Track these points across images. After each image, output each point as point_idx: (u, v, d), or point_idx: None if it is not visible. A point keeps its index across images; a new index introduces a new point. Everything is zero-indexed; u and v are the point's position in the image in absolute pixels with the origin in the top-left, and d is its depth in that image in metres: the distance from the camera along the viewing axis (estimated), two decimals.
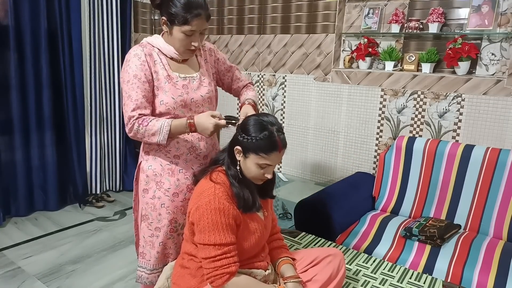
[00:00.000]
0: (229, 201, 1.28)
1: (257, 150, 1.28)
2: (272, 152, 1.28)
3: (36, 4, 2.82)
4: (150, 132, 1.41)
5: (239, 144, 1.31)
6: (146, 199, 1.56)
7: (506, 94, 2.24)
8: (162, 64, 1.49)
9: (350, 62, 2.88)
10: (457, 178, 2.23)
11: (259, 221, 1.40)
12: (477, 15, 2.30)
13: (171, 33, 1.45)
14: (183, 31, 1.41)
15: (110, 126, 3.47)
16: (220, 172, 1.36)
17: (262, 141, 1.27)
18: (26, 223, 2.90)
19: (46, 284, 2.15)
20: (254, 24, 3.33)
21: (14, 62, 2.79)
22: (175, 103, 1.47)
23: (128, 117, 1.42)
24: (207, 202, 1.25)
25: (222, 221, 1.23)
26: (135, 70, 1.43)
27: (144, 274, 1.60)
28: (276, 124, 1.31)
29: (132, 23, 3.61)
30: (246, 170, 1.33)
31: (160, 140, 1.41)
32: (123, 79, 1.45)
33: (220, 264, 1.23)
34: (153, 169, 1.54)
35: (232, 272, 1.23)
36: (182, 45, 1.45)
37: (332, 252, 1.50)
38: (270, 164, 1.30)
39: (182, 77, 1.51)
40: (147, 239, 1.58)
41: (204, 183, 1.33)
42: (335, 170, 3.00)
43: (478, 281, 1.75)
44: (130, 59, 1.45)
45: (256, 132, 1.28)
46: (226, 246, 1.23)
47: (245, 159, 1.31)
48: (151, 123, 1.41)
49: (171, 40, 1.48)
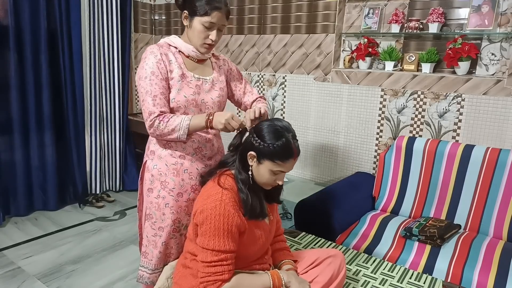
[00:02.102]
0: (235, 208, 1.27)
1: (273, 157, 1.27)
2: (288, 159, 1.29)
3: (36, 4, 2.82)
4: (170, 128, 1.42)
5: (254, 150, 1.30)
6: (150, 198, 1.57)
7: (506, 94, 2.24)
8: (178, 63, 1.51)
9: (350, 62, 2.88)
10: (457, 178, 2.23)
11: (265, 226, 1.40)
12: (477, 15, 2.30)
13: (191, 25, 1.48)
14: (202, 22, 1.45)
15: (110, 126, 3.47)
16: (228, 176, 1.36)
17: (278, 148, 1.27)
18: (26, 223, 2.90)
19: (46, 284, 2.15)
20: (254, 24, 3.32)
21: (14, 62, 2.79)
22: (186, 101, 1.50)
23: (149, 113, 1.43)
24: (212, 207, 1.24)
25: (224, 228, 1.23)
26: (152, 67, 1.45)
27: (146, 274, 1.60)
28: (291, 131, 1.32)
29: (132, 23, 3.62)
30: (258, 175, 1.32)
31: (180, 135, 1.43)
32: (140, 75, 1.47)
33: (214, 270, 1.23)
34: (158, 168, 1.55)
35: (225, 279, 1.24)
36: (200, 38, 1.48)
37: (333, 253, 1.50)
38: (283, 171, 1.31)
39: (196, 77, 1.54)
40: (150, 238, 1.59)
41: (212, 187, 1.32)
42: (335, 170, 3.00)
43: (478, 281, 1.75)
44: (146, 57, 1.48)
45: (272, 139, 1.28)
46: (224, 253, 1.24)
47: (258, 164, 1.31)
48: (172, 119, 1.43)
49: (190, 33, 1.51)
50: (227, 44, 3.53)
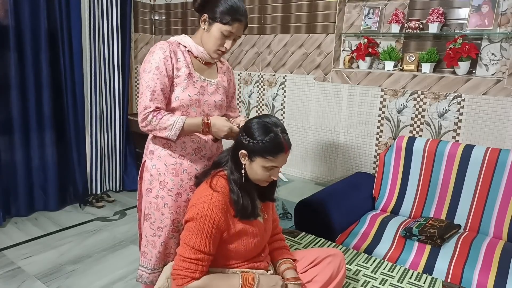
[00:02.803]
0: (224, 211, 1.28)
1: (263, 153, 1.28)
2: (279, 154, 1.28)
3: (36, 4, 2.82)
4: (163, 125, 1.42)
5: (244, 148, 1.31)
6: (149, 198, 1.56)
7: (506, 94, 2.24)
8: (186, 62, 1.52)
9: (350, 62, 2.88)
10: (457, 178, 2.23)
11: (259, 225, 1.40)
12: (477, 15, 2.30)
13: (209, 30, 1.48)
14: (222, 30, 1.46)
15: (110, 126, 3.47)
16: (221, 177, 1.36)
17: (268, 144, 1.27)
18: (26, 223, 2.90)
19: (46, 284, 2.15)
20: (254, 24, 3.32)
21: (14, 62, 2.79)
22: (190, 100, 1.50)
23: (144, 107, 1.43)
24: (201, 208, 1.26)
25: (208, 230, 1.24)
26: (158, 62, 1.45)
27: (145, 274, 1.60)
28: (280, 125, 1.31)
29: (132, 23, 3.62)
30: (252, 173, 1.33)
31: (171, 135, 1.43)
32: (144, 69, 1.47)
33: (188, 266, 1.24)
34: (157, 168, 1.55)
35: (195, 277, 1.25)
36: (216, 44, 1.49)
37: (332, 252, 1.49)
38: (276, 166, 1.31)
39: (202, 78, 1.55)
40: (149, 238, 1.59)
41: (203, 189, 1.34)
42: (335, 170, 3.00)
43: (478, 281, 1.75)
44: (154, 51, 1.48)
45: (261, 135, 1.28)
46: (201, 253, 1.25)
47: (251, 162, 1.31)
48: (166, 117, 1.43)
49: (205, 37, 1.51)
50: None
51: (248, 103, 3.47)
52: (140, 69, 1.53)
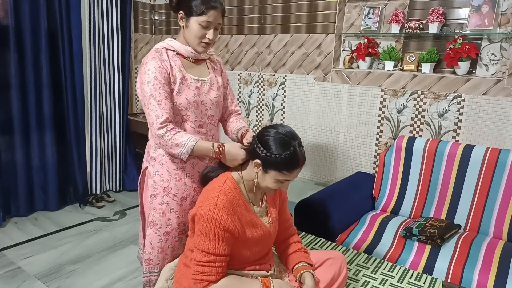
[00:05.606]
0: (230, 212, 1.27)
1: (279, 168, 1.27)
2: (295, 169, 1.29)
3: (36, 4, 2.82)
4: (175, 142, 1.42)
5: (260, 159, 1.29)
6: (154, 205, 1.56)
7: (506, 94, 2.24)
8: (177, 66, 1.52)
9: (350, 62, 2.88)
10: (457, 178, 2.23)
11: (263, 228, 1.39)
12: (477, 15, 2.30)
13: (188, 25, 1.49)
14: (199, 22, 1.46)
15: (110, 126, 3.47)
16: (228, 180, 1.35)
17: (286, 159, 1.26)
18: (26, 223, 2.90)
19: (46, 284, 2.15)
20: (254, 24, 3.32)
21: (14, 62, 2.79)
22: (188, 103, 1.51)
23: (156, 116, 1.42)
24: (206, 210, 1.25)
25: (215, 232, 1.24)
26: (155, 72, 1.45)
27: (152, 278, 1.60)
28: (297, 138, 1.31)
29: (132, 23, 3.62)
30: (263, 182, 1.32)
31: (181, 153, 1.42)
32: (143, 80, 1.47)
33: (202, 270, 1.25)
34: (160, 174, 1.55)
35: (212, 280, 1.25)
36: (197, 37, 1.49)
37: (334, 254, 1.50)
38: (289, 180, 1.31)
39: (195, 79, 1.55)
40: (155, 244, 1.58)
41: (210, 190, 1.33)
42: (335, 170, 3.00)
43: (478, 281, 1.75)
44: (148, 62, 1.48)
45: (278, 149, 1.26)
46: (212, 255, 1.24)
47: (264, 173, 1.30)
48: (179, 134, 1.42)
49: (187, 34, 1.51)
50: (227, 44, 3.53)
51: (248, 103, 3.47)
52: (137, 81, 1.53)
